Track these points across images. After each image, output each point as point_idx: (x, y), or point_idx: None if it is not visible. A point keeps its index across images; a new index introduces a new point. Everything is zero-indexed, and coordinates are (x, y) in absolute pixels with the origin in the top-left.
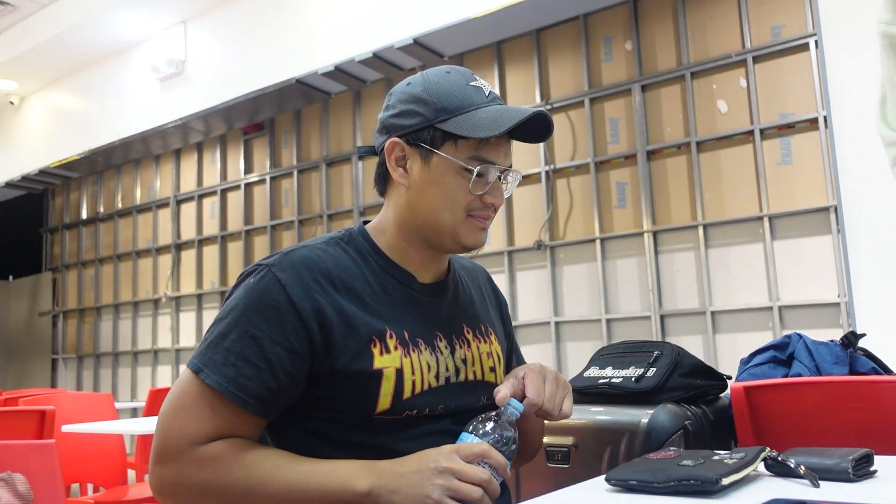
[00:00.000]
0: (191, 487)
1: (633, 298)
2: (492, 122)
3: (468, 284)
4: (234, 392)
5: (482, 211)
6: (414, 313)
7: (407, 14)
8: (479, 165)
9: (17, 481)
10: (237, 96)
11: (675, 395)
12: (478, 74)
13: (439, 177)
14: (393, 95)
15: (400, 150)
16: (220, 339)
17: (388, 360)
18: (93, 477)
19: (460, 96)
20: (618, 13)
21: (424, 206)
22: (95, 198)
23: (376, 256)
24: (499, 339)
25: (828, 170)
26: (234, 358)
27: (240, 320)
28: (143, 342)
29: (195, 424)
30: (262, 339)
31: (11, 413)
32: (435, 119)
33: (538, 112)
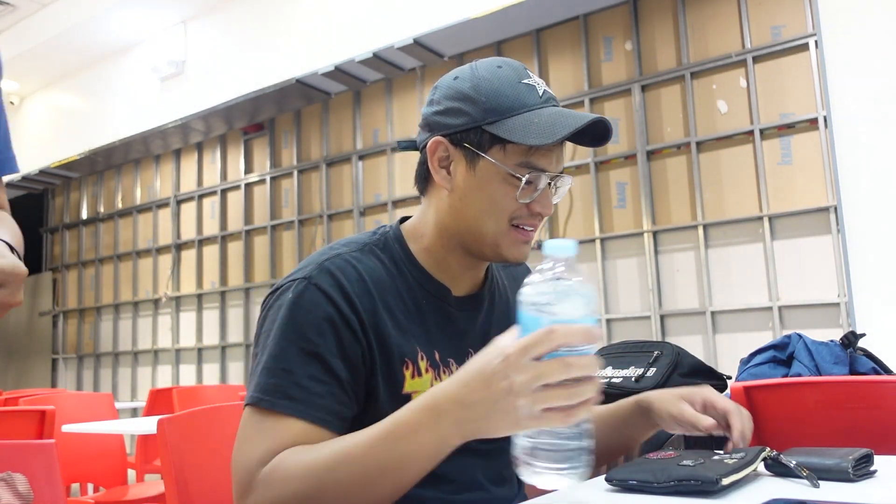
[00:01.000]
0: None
1: (633, 298)
2: (546, 129)
3: (506, 287)
4: (306, 412)
5: (528, 220)
6: (447, 331)
7: (407, 14)
8: (528, 173)
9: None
10: (237, 96)
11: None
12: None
13: (484, 182)
14: (438, 89)
15: (444, 150)
16: (276, 363)
17: (419, 384)
18: (93, 477)
19: (512, 96)
20: (618, 13)
21: (467, 212)
22: (95, 198)
23: (411, 267)
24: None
25: (828, 170)
26: (297, 378)
27: (291, 338)
28: (143, 342)
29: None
30: (322, 354)
31: (11, 413)
32: (483, 120)
33: (598, 118)
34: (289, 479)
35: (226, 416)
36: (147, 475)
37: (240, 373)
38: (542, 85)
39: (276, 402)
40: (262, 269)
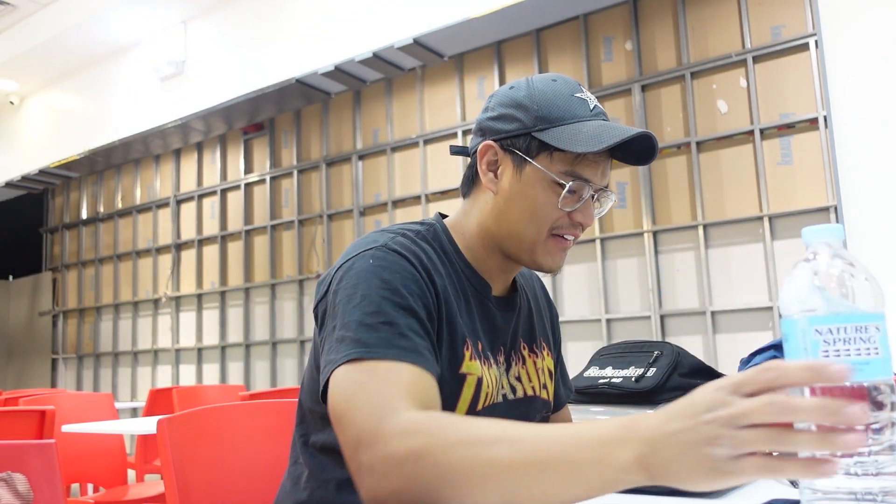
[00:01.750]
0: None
1: (633, 298)
2: (592, 138)
3: (526, 296)
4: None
5: (568, 229)
6: (486, 325)
7: (407, 14)
8: (572, 181)
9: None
10: (237, 96)
11: (676, 395)
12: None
13: (529, 188)
14: (494, 97)
15: (493, 154)
16: (374, 318)
17: (474, 367)
18: (93, 477)
19: (563, 106)
20: (618, 13)
21: (510, 215)
22: (95, 198)
23: (458, 260)
24: (551, 353)
25: (828, 170)
26: (401, 329)
27: (385, 294)
28: (143, 342)
29: (387, 395)
30: (416, 310)
31: (11, 413)
32: (533, 127)
33: (644, 133)
34: (439, 436)
35: (226, 416)
36: (147, 475)
37: (239, 373)
38: (594, 100)
39: (387, 352)
40: (261, 269)
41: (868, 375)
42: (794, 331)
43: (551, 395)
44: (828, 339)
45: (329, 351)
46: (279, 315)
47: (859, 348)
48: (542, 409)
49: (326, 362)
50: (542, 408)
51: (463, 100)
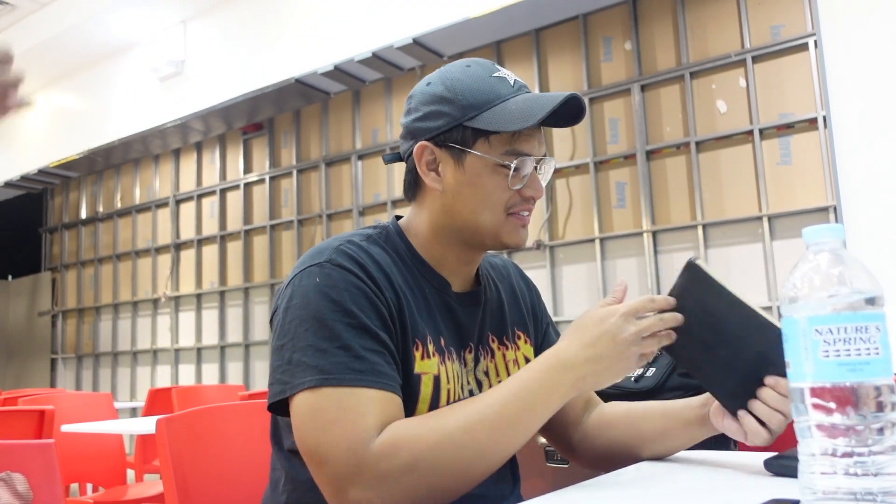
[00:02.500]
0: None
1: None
2: (524, 113)
3: (497, 286)
4: (377, 381)
5: (522, 206)
6: (448, 321)
7: (407, 14)
8: (515, 159)
9: (16, 481)
10: (236, 96)
11: (675, 394)
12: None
13: (475, 177)
14: (413, 98)
15: (430, 153)
16: (328, 342)
17: (427, 366)
18: (92, 477)
19: (486, 90)
20: (617, 13)
21: (462, 208)
22: (95, 198)
23: (414, 259)
24: (530, 340)
25: (827, 170)
26: (355, 352)
27: (335, 316)
28: (143, 342)
29: (357, 426)
30: (368, 325)
31: (11, 413)
32: (463, 117)
33: (571, 96)
34: (418, 445)
35: (225, 416)
36: (146, 475)
37: (239, 373)
38: (512, 76)
39: (344, 378)
40: (261, 269)
41: (868, 375)
42: (795, 330)
43: None
44: (828, 339)
45: (279, 370)
46: None
47: (859, 348)
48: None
49: (277, 381)
50: None
51: None
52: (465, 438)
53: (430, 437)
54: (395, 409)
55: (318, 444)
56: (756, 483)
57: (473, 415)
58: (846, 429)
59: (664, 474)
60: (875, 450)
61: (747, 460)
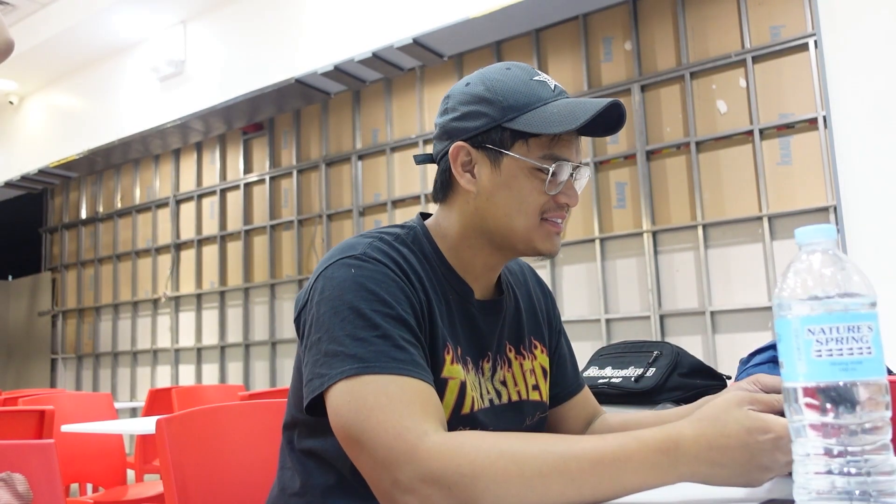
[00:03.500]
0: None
1: (632, 298)
2: (566, 117)
3: (515, 293)
4: (418, 372)
5: (556, 212)
6: (467, 329)
7: (407, 14)
8: (553, 164)
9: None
10: (237, 96)
11: (675, 395)
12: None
13: (511, 179)
14: (451, 98)
15: (466, 154)
16: (368, 332)
17: (456, 371)
18: (92, 477)
19: (527, 92)
20: (617, 13)
21: (496, 211)
22: (95, 198)
23: (440, 263)
24: (546, 349)
25: (827, 170)
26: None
27: (373, 306)
28: (143, 342)
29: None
30: (405, 318)
31: (11, 413)
32: (502, 118)
33: (614, 102)
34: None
35: (225, 416)
36: (146, 475)
37: (239, 373)
38: (553, 80)
39: (386, 366)
40: (261, 269)
41: (861, 375)
42: (787, 331)
43: (545, 395)
44: (820, 338)
45: (318, 364)
46: (278, 315)
47: (852, 348)
48: (535, 411)
49: (315, 376)
50: (535, 410)
51: None
52: (534, 482)
53: (500, 460)
54: (436, 402)
55: (363, 430)
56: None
57: (555, 459)
58: (839, 428)
59: None
60: (869, 449)
61: None
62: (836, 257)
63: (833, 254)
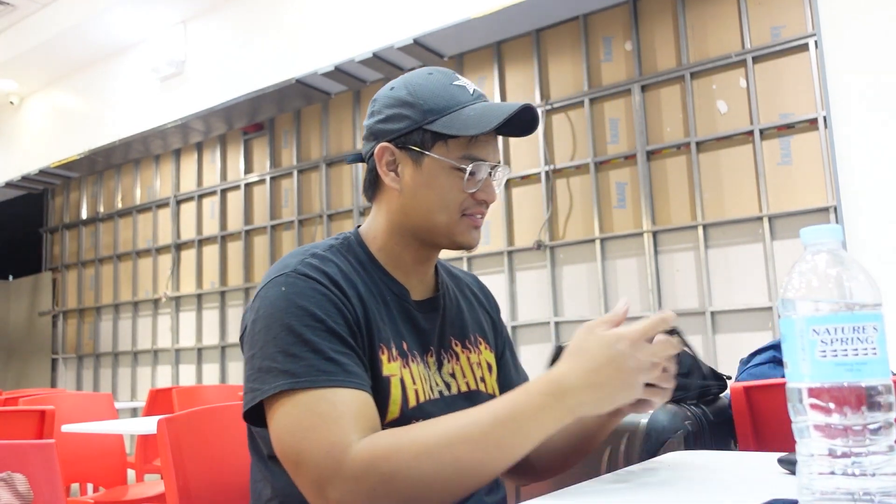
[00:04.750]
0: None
1: (632, 298)
2: (481, 119)
3: (456, 294)
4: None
5: (476, 208)
6: (408, 327)
7: (407, 14)
8: (471, 164)
9: (17, 481)
10: (237, 96)
11: (675, 395)
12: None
13: (432, 178)
14: (377, 101)
15: (390, 154)
16: (299, 348)
17: (394, 368)
18: (93, 477)
19: (446, 96)
20: (618, 13)
21: (419, 208)
22: (95, 198)
23: (374, 267)
24: (490, 347)
25: (827, 170)
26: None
27: (303, 321)
28: (143, 342)
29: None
30: (335, 329)
31: (11, 413)
32: (423, 121)
33: (525, 106)
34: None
35: (225, 416)
36: (147, 475)
37: (239, 373)
38: (472, 85)
39: (316, 380)
40: (261, 270)
41: (866, 375)
42: (792, 331)
43: (493, 387)
44: (825, 339)
45: (251, 379)
46: None
47: (857, 348)
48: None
49: (248, 390)
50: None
51: None
52: (444, 454)
53: (410, 449)
54: (368, 408)
55: (299, 451)
56: (755, 483)
57: (457, 430)
58: (844, 429)
59: (663, 474)
60: (873, 450)
61: (747, 460)
62: (841, 257)
63: (838, 254)
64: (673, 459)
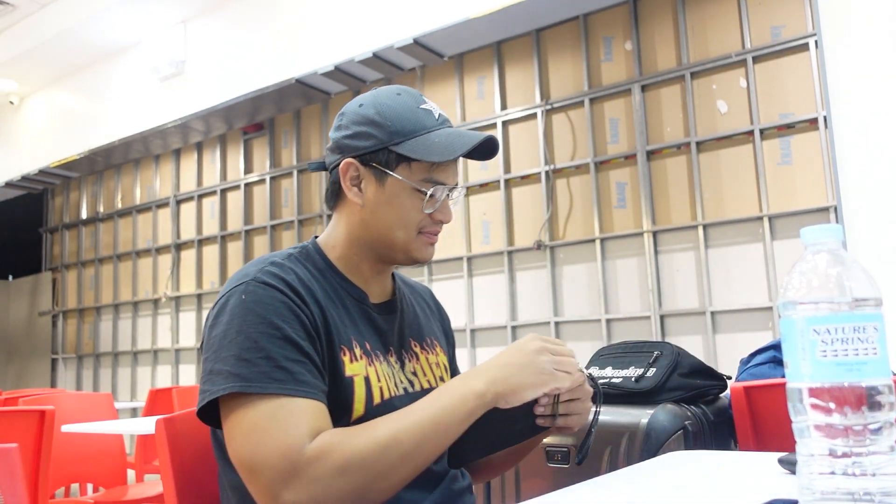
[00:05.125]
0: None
1: (632, 298)
2: (446, 147)
3: (412, 300)
4: (300, 390)
5: (432, 227)
6: (369, 328)
7: (407, 14)
8: (432, 187)
9: None
10: (237, 96)
11: (675, 395)
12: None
13: (393, 197)
14: (345, 115)
15: (354, 170)
16: (252, 353)
17: (357, 368)
18: (93, 477)
19: (413, 119)
20: (618, 13)
21: (378, 223)
22: (95, 198)
23: (332, 273)
24: (444, 351)
25: (827, 170)
26: (278, 363)
27: (259, 328)
28: (143, 342)
29: (286, 434)
30: (291, 336)
31: (11, 413)
32: (389, 142)
33: (488, 137)
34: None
35: None
36: (147, 475)
37: None
38: (437, 109)
39: (267, 386)
40: None
41: (866, 375)
42: (793, 331)
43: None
44: (826, 339)
45: (204, 381)
46: None
47: (857, 348)
48: None
49: (201, 392)
50: None
51: (463, 100)
52: (391, 443)
53: (360, 441)
54: (320, 415)
55: (252, 455)
56: (756, 483)
57: (399, 422)
58: (844, 429)
59: (663, 474)
60: (873, 450)
61: (747, 460)
62: (841, 257)
63: (839, 254)
64: (673, 459)
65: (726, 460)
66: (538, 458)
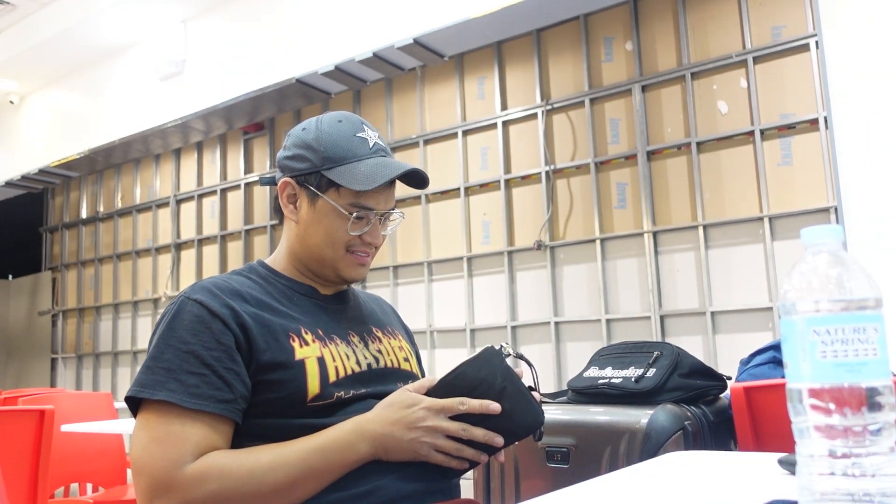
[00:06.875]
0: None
1: (633, 299)
2: (369, 177)
3: (367, 300)
4: (189, 400)
5: (361, 248)
6: (323, 316)
7: (407, 14)
8: (356, 211)
9: None
10: (237, 96)
11: (675, 395)
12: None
13: (323, 217)
14: (290, 138)
15: (291, 189)
16: (154, 363)
17: (309, 351)
18: (92, 477)
19: (345, 147)
20: (618, 13)
21: (310, 240)
22: (95, 197)
23: (277, 278)
24: (408, 342)
25: (828, 170)
26: (175, 374)
27: (170, 342)
28: (143, 342)
29: (173, 448)
30: (196, 350)
31: (11, 413)
32: (321, 166)
33: (412, 169)
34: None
35: None
36: None
37: None
38: (374, 138)
39: (155, 393)
40: None
41: (866, 376)
42: (793, 332)
43: (416, 370)
44: (826, 339)
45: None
46: None
47: (857, 349)
48: (408, 379)
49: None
50: (408, 378)
51: (463, 100)
52: (266, 477)
53: (238, 471)
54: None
55: (139, 459)
56: (756, 483)
57: (278, 458)
58: (844, 430)
59: (663, 474)
60: (873, 451)
61: (747, 461)
62: (841, 258)
63: (839, 254)
64: (672, 460)
65: (726, 461)
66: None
